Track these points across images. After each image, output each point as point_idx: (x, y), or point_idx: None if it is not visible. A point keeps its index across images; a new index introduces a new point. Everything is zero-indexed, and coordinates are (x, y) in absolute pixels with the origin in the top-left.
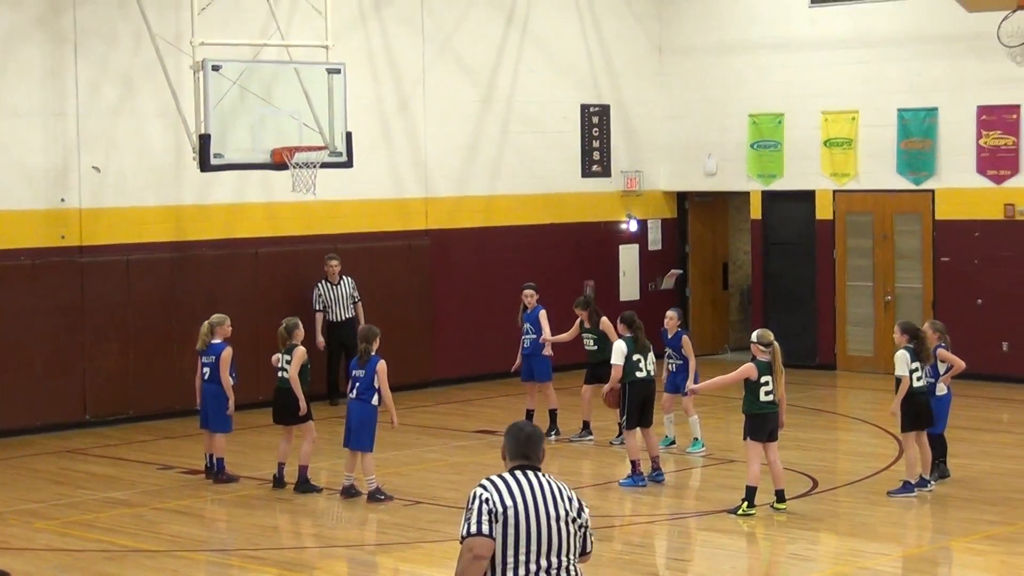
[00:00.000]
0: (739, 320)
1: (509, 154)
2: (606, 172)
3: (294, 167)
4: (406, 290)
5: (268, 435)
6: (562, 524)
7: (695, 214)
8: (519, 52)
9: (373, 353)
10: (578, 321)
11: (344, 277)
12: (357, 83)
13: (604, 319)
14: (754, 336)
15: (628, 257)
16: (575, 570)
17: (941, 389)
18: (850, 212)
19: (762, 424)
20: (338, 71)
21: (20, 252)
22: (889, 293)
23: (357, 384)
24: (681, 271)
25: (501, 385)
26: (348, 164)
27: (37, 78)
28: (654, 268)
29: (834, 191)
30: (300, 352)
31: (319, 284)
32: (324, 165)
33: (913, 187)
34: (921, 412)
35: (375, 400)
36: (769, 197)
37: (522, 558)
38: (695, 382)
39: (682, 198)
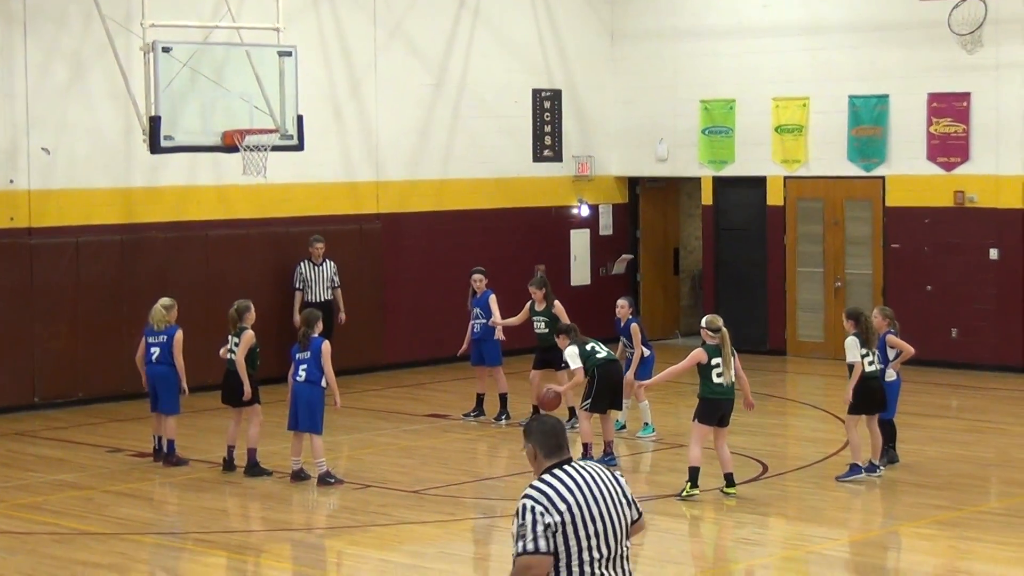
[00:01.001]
0: (690, 305)
1: (461, 138)
2: (558, 157)
3: (245, 150)
4: (357, 274)
5: (218, 418)
6: (617, 508)
7: (646, 199)
8: (471, 36)
9: (315, 335)
10: (528, 304)
11: (327, 260)
12: (308, 66)
13: (557, 303)
14: (703, 322)
15: (579, 242)
16: (629, 556)
17: (891, 375)
18: (801, 198)
19: (713, 409)
20: (289, 54)
21: None
22: (839, 279)
23: (303, 366)
24: (632, 256)
25: (452, 369)
26: (299, 147)
27: None
28: (605, 253)
29: (785, 177)
30: (248, 336)
31: (301, 263)
32: (275, 148)
33: (864, 174)
34: (872, 397)
35: (323, 382)
36: (720, 183)
37: (585, 556)
38: (647, 374)
39: (633, 183)
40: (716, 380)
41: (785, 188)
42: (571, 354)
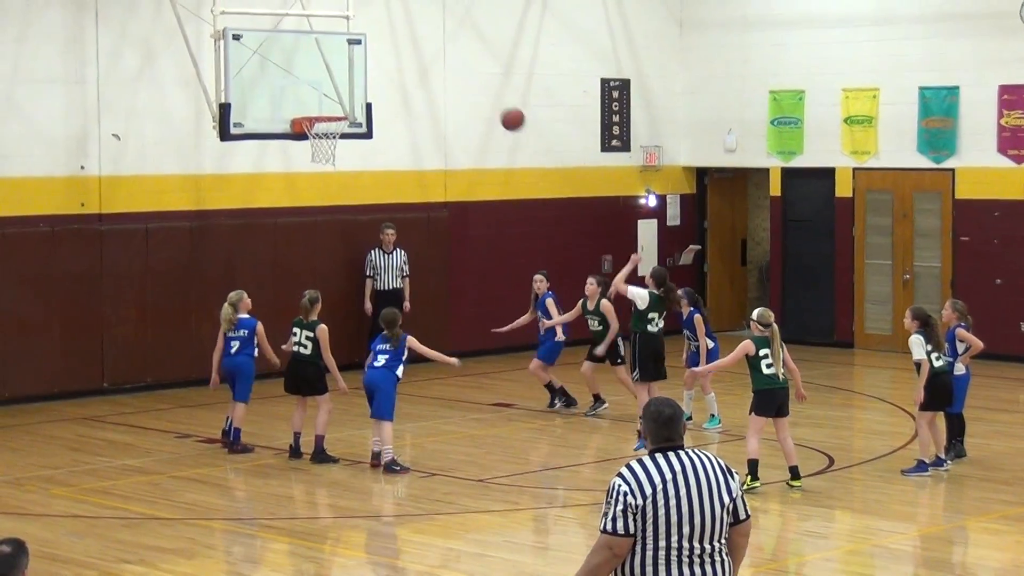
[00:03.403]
0: (757, 297)
1: (528, 127)
2: (625, 147)
3: (314, 137)
4: (424, 262)
5: (284, 406)
6: (713, 504)
7: (714, 190)
8: (539, 25)
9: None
10: (580, 302)
11: (398, 248)
12: (377, 54)
13: (605, 301)
14: (754, 315)
15: (647, 232)
16: (722, 558)
17: (959, 369)
18: (870, 190)
19: (769, 400)
20: (359, 42)
21: (40, 219)
22: (908, 272)
23: (384, 355)
24: (699, 247)
25: (516, 359)
26: (368, 135)
27: (58, 45)
28: (672, 244)
29: (854, 169)
30: (324, 332)
31: (372, 251)
32: (344, 136)
33: (933, 166)
34: (942, 393)
35: (400, 371)
36: (789, 174)
37: (662, 543)
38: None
39: (701, 174)
40: (767, 371)
41: (854, 179)
42: (638, 294)
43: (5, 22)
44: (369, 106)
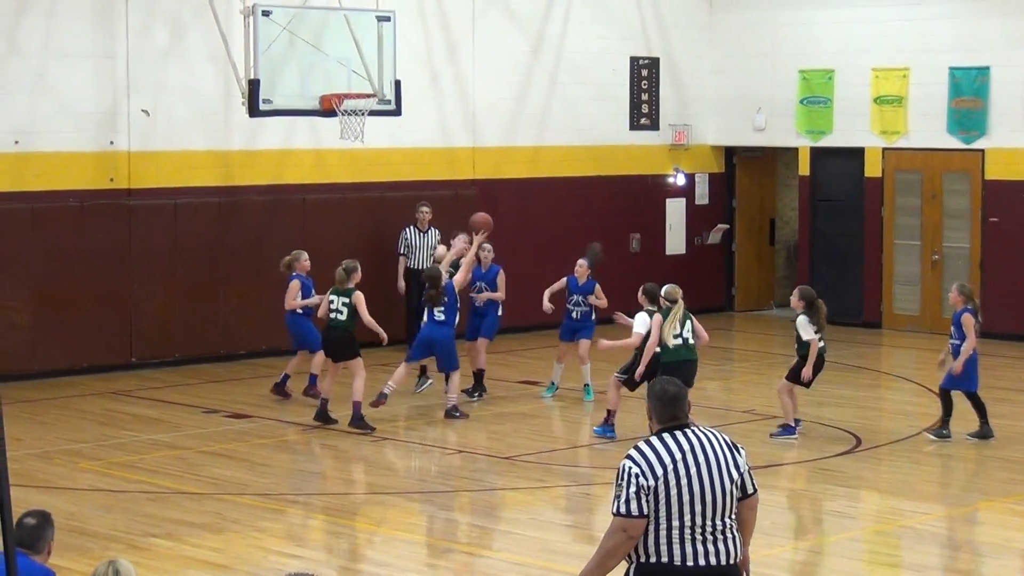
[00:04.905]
0: (785, 276)
1: (557, 105)
2: (654, 125)
3: (342, 114)
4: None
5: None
6: (723, 480)
7: (743, 169)
8: (569, 2)
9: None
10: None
11: (432, 227)
12: (406, 31)
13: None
14: (663, 291)
15: (675, 211)
16: (733, 534)
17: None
18: (899, 170)
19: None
20: (388, 19)
21: (69, 194)
22: (937, 252)
23: (440, 310)
24: (728, 226)
25: (543, 336)
26: (396, 112)
27: (87, 20)
28: (701, 222)
29: (883, 149)
30: (360, 297)
31: (406, 228)
32: (372, 113)
33: (963, 146)
34: (818, 370)
35: (455, 321)
36: (818, 153)
37: (675, 523)
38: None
39: (730, 153)
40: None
41: (883, 160)
42: (641, 320)
43: None
44: (398, 83)
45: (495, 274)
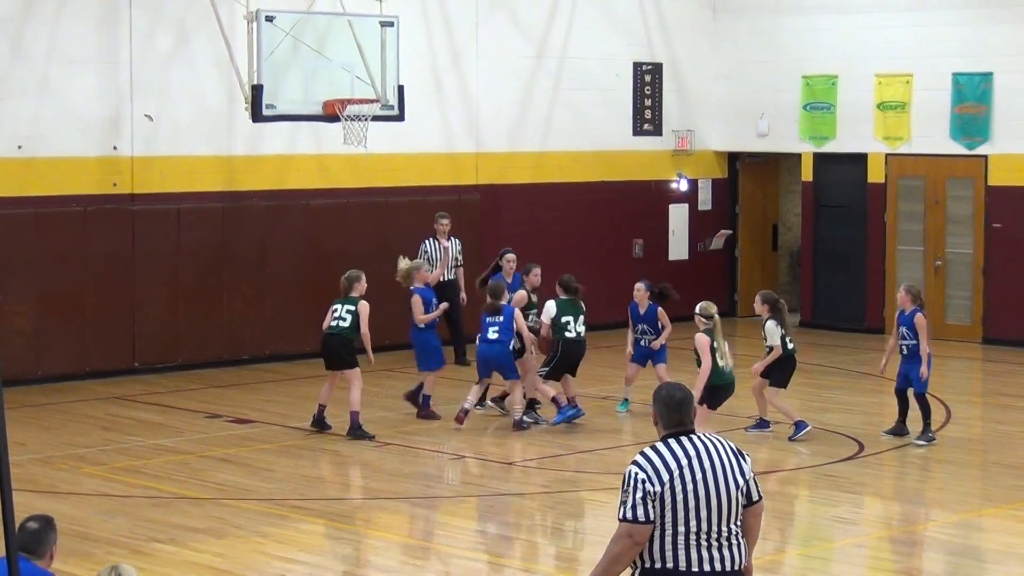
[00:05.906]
0: (788, 282)
1: (561, 110)
2: (657, 131)
3: (346, 120)
4: None
5: (314, 387)
6: (728, 487)
7: (746, 175)
8: (573, 8)
9: (503, 303)
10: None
11: (452, 237)
12: (410, 36)
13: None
14: (697, 308)
15: (678, 216)
16: (738, 541)
17: (923, 351)
18: (902, 176)
19: (721, 395)
20: (391, 24)
21: (72, 199)
22: (940, 258)
23: (494, 328)
24: (731, 231)
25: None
26: (400, 117)
27: (92, 25)
28: (704, 228)
29: (886, 155)
30: (365, 306)
31: (427, 240)
32: (376, 118)
33: (966, 152)
34: (791, 369)
35: (513, 343)
36: (821, 159)
37: (681, 528)
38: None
39: (733, 158)
40: (719, 364)
41: (887, 165)
42: (547, 309)
43: (40, 2)
44: (401, 88)
45: (518, 283)
